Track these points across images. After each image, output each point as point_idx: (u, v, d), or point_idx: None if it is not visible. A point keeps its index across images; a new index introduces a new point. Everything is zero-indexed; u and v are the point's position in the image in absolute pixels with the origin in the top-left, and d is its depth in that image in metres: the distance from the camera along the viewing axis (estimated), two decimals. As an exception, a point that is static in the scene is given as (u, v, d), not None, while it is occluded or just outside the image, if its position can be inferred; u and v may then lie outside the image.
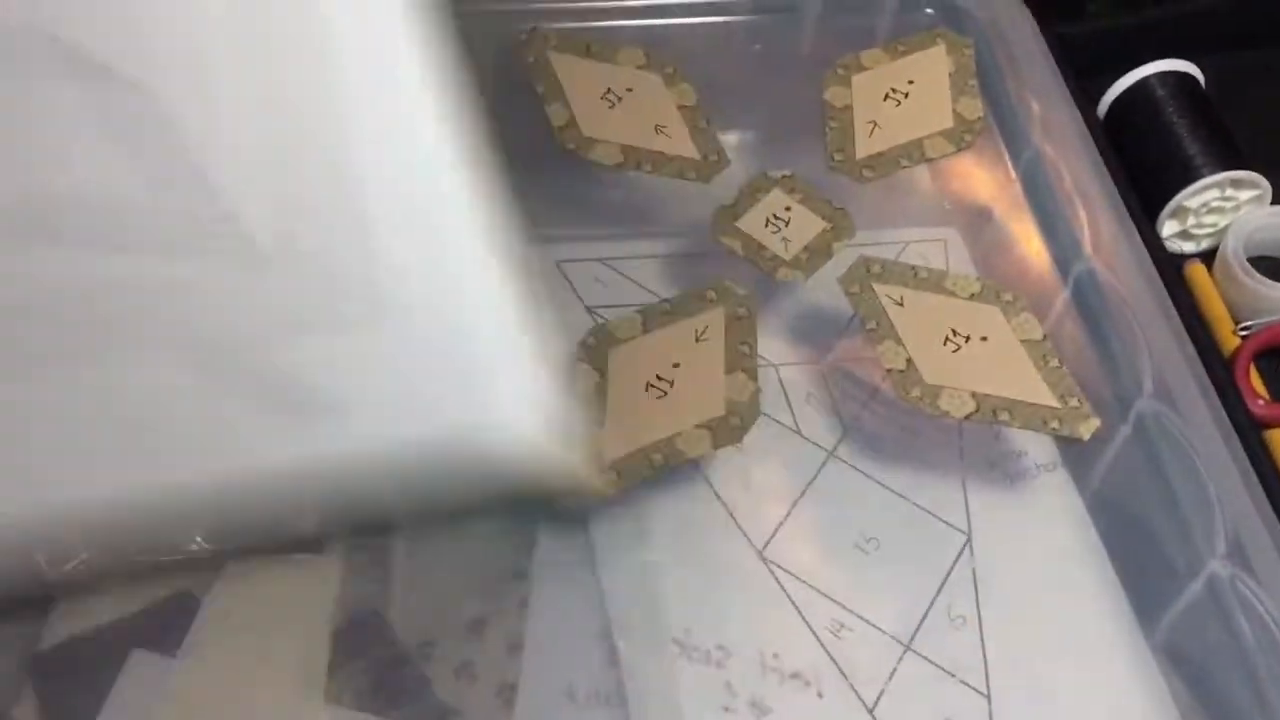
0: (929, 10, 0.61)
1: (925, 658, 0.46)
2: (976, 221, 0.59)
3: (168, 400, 0.34)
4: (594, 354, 0.47)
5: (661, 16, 0.59)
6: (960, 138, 0.56)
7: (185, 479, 0.35)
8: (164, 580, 0.46)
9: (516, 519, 0.48)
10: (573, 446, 0.36)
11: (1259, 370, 0.56)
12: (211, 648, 0.44)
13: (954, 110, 0.57)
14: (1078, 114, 0.57)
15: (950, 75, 0.58)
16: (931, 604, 0.47)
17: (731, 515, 0.48)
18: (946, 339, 0.49)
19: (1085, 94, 0.60)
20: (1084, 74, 0.61)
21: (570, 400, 0.35)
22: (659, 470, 0.45)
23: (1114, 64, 0.64)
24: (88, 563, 0.45)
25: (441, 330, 0.34)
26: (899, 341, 0.48)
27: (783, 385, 0.53)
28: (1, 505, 0.34)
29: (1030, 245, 0.56)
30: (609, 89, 0.55)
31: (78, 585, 0.45)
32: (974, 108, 0.57)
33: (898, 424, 0.52)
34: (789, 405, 0.52)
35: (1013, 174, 0.57)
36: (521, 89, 0.55)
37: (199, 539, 0.46)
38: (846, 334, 0.55)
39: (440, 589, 0.47)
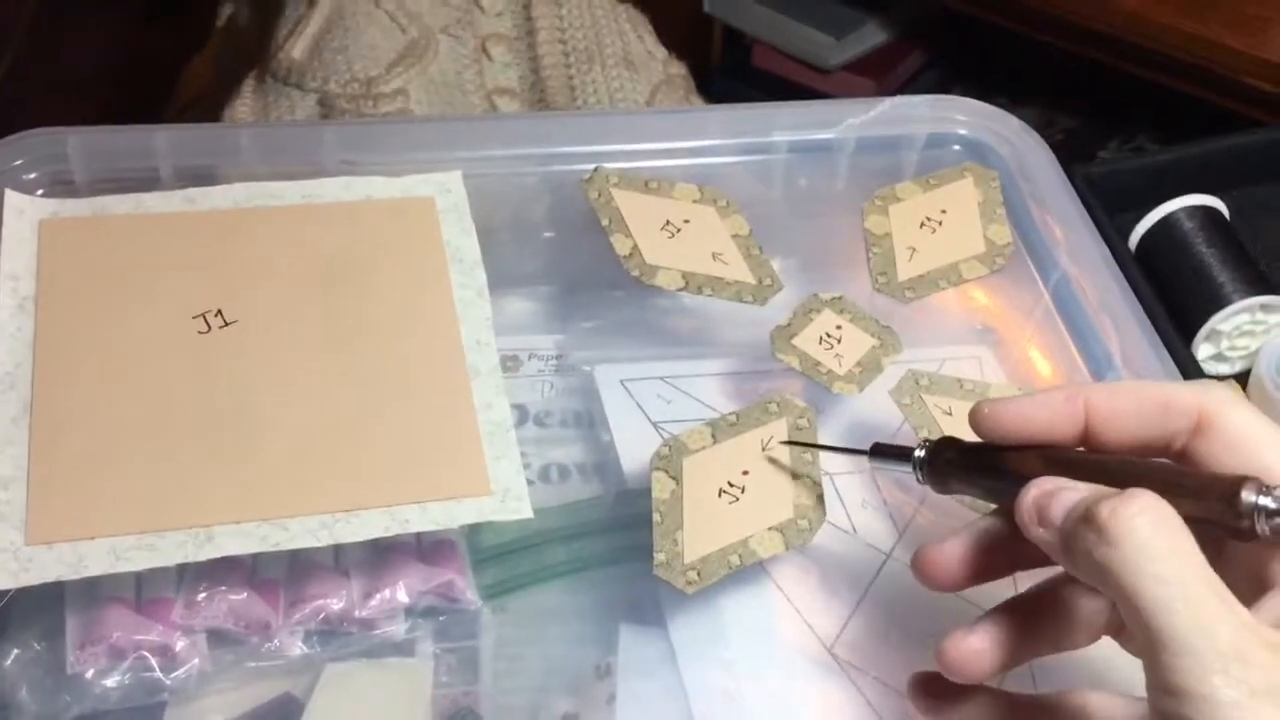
0: (955, 147, 0.66)
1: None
2: (1009, 338, 0.63)
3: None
4: (670, 464, 0.51)
5: (710, 155, 0.63)
6: (992, 261, 0.60)
7: None
8: (267, 683, 0.49)
9: (600, 619, 0.51)
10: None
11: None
12: (314, 747, 0.47)
13: (985, 236, 0.61)
14: (1099, 237, 0.61)
15: (979, 204, 0.63)
16: (993, 695, 0.50)
17: (800, 614, 0.51)
18: (995, 445, 0.52)
19: (1117, 227, 0.64)
20: (1115, 209, 0.66)
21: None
22: (735, 570, 0.48)
23: (1140, 200, 0.70)
24: (198, 668, 0.48)
25: None
26: (951, 448, 0.52)
27: (838, 491, 0.56)
28: None
29: (1062, 360, 0.59)
30: (668, 221, 0.60)
31: (188, 690, 0.48)
32: (1003, 233, 0.61)
33: (948, 527, 0.55)
34: (845, 510, 0.55)
35: (1043, 293, 0.61)
36: (588, 223, 0.59)
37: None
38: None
39: (530, 687, 0.49)
